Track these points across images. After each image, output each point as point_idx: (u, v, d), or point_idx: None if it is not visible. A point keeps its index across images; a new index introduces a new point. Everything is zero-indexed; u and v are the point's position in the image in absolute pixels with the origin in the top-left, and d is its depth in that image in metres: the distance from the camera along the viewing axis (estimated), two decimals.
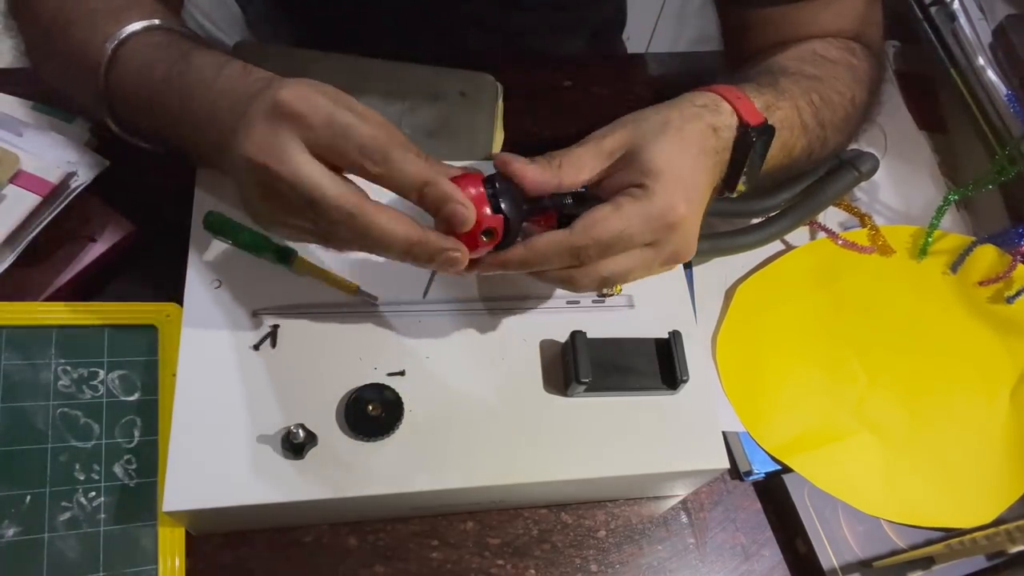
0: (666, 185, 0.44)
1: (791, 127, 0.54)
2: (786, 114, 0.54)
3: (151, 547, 0.50)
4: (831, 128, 0.58)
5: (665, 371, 0.54)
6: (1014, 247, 0.72)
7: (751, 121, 0.49)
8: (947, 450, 0.64)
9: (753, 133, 0.48)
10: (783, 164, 0.57)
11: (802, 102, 0.55)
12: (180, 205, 0.54)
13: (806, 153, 0.58)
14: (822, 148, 0.60)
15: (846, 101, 0.60)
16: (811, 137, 0.57)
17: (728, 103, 0.49)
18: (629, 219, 0.43)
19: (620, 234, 0.43)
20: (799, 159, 0.58)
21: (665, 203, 0.44)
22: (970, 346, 0.70)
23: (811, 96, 0.56)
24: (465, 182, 0.43)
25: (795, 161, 0.58)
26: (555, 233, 0.44)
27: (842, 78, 0.60)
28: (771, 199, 0.64)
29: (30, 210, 0.53)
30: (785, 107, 0.54)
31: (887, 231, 0.73)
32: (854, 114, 0.61)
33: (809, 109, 0.56)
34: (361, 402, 0.49)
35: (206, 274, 0.52)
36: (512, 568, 0.55)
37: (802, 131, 0.56)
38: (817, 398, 0.65)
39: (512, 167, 0.44)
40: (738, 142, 0.49)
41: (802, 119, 0.55)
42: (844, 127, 0.61)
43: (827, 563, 0.58)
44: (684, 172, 0.45)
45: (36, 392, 0.51)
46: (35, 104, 0.61)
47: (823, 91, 0.58)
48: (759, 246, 0.67)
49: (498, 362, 0.53)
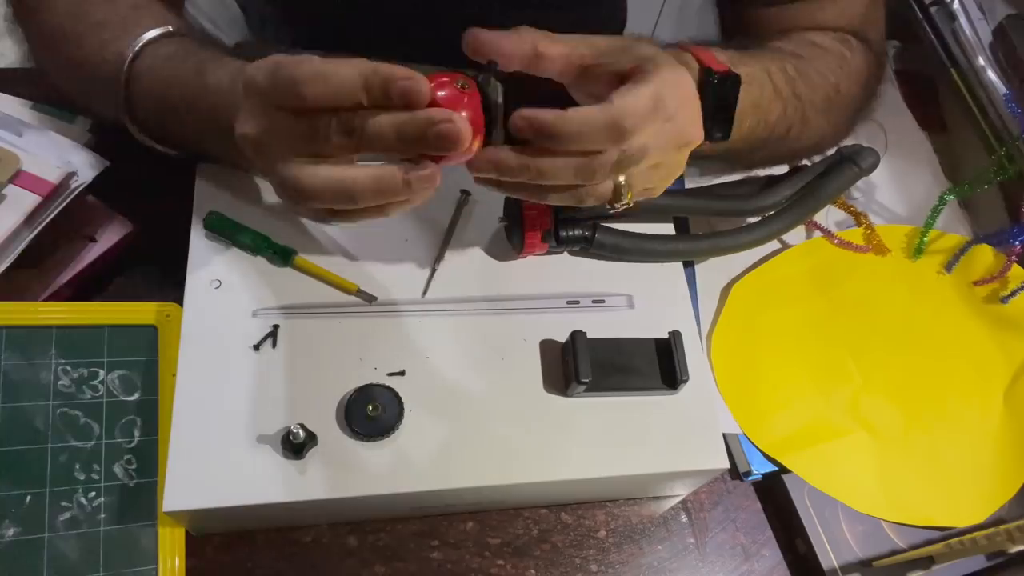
0: (669, 62, 0.43)
1: (760, 84, 0.54)
2: (752, 71, 0.54)
3: (151, 547, 0.50)
4: (810, 105, 0.58)
5: (665, 371, 0.54)
6: (1009, 247, 0.72)
7: (712, 66, 0.49)
8: (941, 449, 0.64)
9: (715, 76, 0.49)
10: (762, 132, 0.57)
11: (773, 67, 0.56)
12: (180, 205, 0.55)
13: (784, 125, 0.58)
14: (803, 125, 0.59)
15: (828, 85, 0.59)
16: (788, 107, 0.57)
17: (689, 51, 0.50)
18: (659, 86, 0.41)
19: (656, 101, 0.41)
20: (777, 129, 0.58)
21: (676, 75, 0.43)
22: (965, 346, 0.70)
23: (785, 66, 0.56)
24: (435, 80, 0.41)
25: (774, 130, 0.58)
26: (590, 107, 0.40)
27: (829, 64, 0.60)
28: (771, 196, 0.64)
29: (30, 210, 0.53)
30: (751, 65, 0.54)
31: (883, 230, 0.73)
32: (839, 101, 0.61)
33: (781, 75, 0.56)
34: (361, 402, 0.49)
35: (206, 274, 0.52)
36: (512, 568, 0.55)
37: (775, 95, 0.55)
38: (812, 397, 0.65)
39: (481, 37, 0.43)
40: (702, 85, 0.49)
41: (773, 82, 0.55)
42: (827, 109, 0.60)
43: (827, 563, 0.58)
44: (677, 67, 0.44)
45: (36, 392, 0.51)
46: (35, 104, 0.61)
47: (802, 67, 0.58)
48: (761, 243, 0.67)
49: (498, 362, 0.53)
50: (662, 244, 0.60)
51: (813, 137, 0.62)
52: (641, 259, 0.59)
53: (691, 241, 0.63)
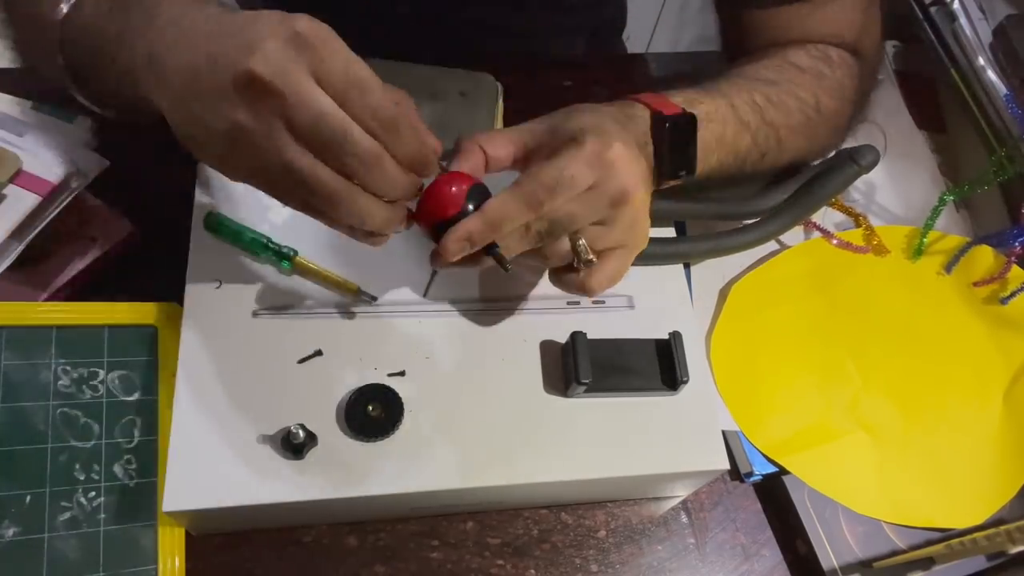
0: (597, 133, 0.45)
1: (722, 120, 0.56)
2: (711, 108, 0.55)
3: (151, 547, 0.50)
4: (784, 129, 0.59)
5: (665, 372, 0.54)
6: (1009, 248, 0.72)
7: (664, 111, 0.51)
8: (941, 451, 0.64)
9: (667, 121, 0.51)
10: (733, 162, 0.58)
11: (738, 100, 0.57)
12: (180, 205, 0.54)
13: (757, 152, 0.59)
14: (778, 149, 0.60)
15: (807, 107, 0.61)
16: (757, 136, 0.58)
17: (640, 102, 0.52)
18: (567, 161, 0.44)
19: (561, 174, 0.43)
20: (750, 157, 0.59)
21: (599, 143, 0.45)
22: (965, 347, 0.70)
23: (753, 97, 0.58)
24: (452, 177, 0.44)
25: (746, 158, 0.59)
26: (503, 193, 0.44)
27: (805, 84, 0.61)
28: (771, 198, 0.64)
29: (30, 210, 0.53)
30: (710, 102, 0.55)
31: (882, 231, 0.73)
32: (819, 121, 0.62)
33: (747, 107, 0.57)
34: (361, 402, 0.49)
35: (206, 275, 0.52)
36: (512, 568, 0.55)
37: (742, 127, 0.57)
38: (811, 398, 0.65)
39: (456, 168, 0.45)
40: (654, 131, 0.51)
41: (738, 115, 0.56)
42: (804, 131, 0.61)
43: (827, 563, 0.58)
44: (611, 128, 0.47)
45: (36, 392, 0.51)
46: (35, 104, 0.61)
47: (773, 93, 0.59)
48: (761, 243, 0.67)
49: (498, 363, 0.53)
50: (662, 246, 0.60)
51: (794, 156, 0.63)
52: (641, 261, 0.59)
53: (691, 243, 0.63)
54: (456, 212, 0.44)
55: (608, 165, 0.45)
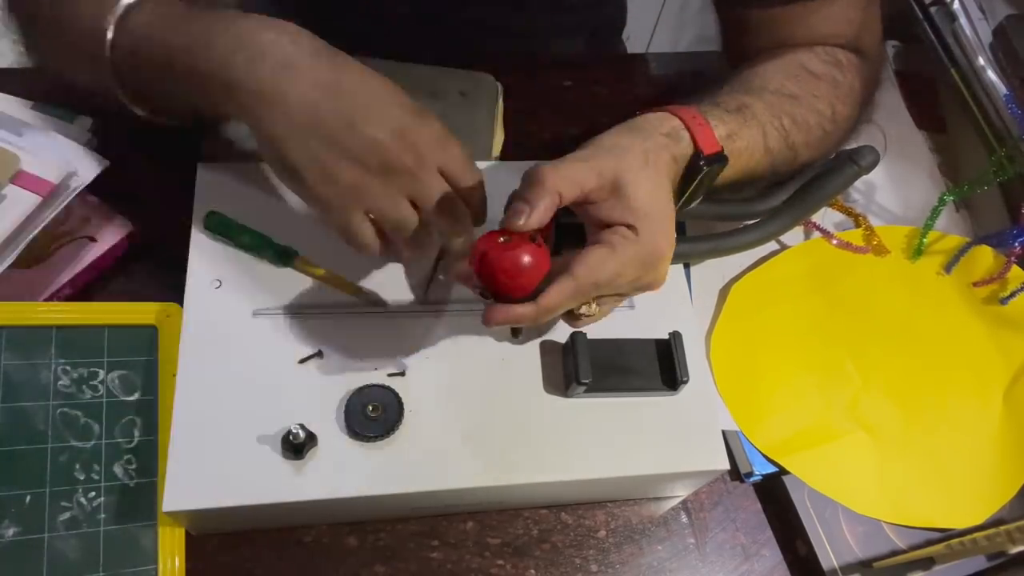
0: (651, 225, 0.46)
1: (751, 152, 0.55)
2: (748, 143, 0.55)
3: (151, 547, 0.50)
4: (802, 147, 0.60)
5: (665, 372, 0.54)
6: (1009, 248, 0.72)
7: (705, 150, 0.50)
8: (941, 451, 0.64)
9: (704, 161, 0.50)
10: (746, 179, 0.58)
11: (770, 127, 0.56)
12: (180, 205, 0.55)
13: (769, 170, 0.59)
14: (789, 166, 0.61)
15: (824, 120, 0.60)
16: (776, 159, 0.58)
17: (688, 131, 0.51)
18: (624, 262, 0.45)
19: (616, 275, 0.45)
20: (760, 175, 0.59)
21: (654, 245, 0.46)
22: (964, 347, 0.70)
23: (782, 120, 0.57)
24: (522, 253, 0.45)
25: (756, 177, 0.59)
26: (559, 284, 0.45)
27: (822, 95, 0.61)
28: (771, 198, 0.64)
29: (30, 210, 0.52)
30: (748, 135, 0.55)
31: (882, 231, 0.73)
32: (833, 131, 0.62)
33: (777, 134, 0.57)
34: (361, 403, 0.49)
35: (207, 274, 0.52)
36: (512, 568, 0.55)
37: (765, 154, 0.57)
38: (811, 398, 0.65)
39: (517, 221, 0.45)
40: (689, 167, 0.51)
41: (767, 144, 0.56)
42: (820, 145, 0.61)
43: (827, 564, 0.58)
44: (664, 210, 0.47)
45: (36, 392, 0.51)
46: (35, 104, 0.61)
47: (798, 113, 0.59)
48: (761, 244, 0.67)
49: (498, 363, 0.53)
50: None
51: (802, 166, 0.63)
52: None
53: (692, 243, 0.63)
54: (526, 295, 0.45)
55: (654, 266, 0.46)
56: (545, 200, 0.44)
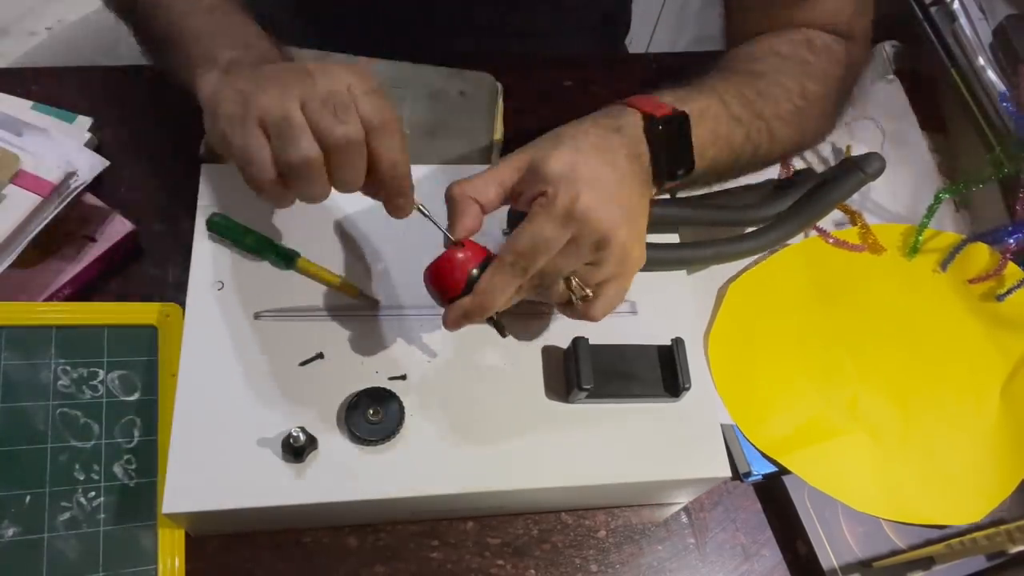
0: (565, 184, 0.46)
1: (715, 116, 0.56)
2: (704, 105, 0.55)
3: (151, 547, 0.50)
4: (775, 120, 0.60)
5: (667, 378, 0.53)
6: (1004, 245, 0.72)
7: (657, 113, 0.51)
8: (939, 447, 0.64)
9: (659, 123, 0.51)
10: (728, 157, 0.58)
11: (729, 96, 0.57)
12: (180, 205, 0.55)
13: (750, 146, 0.59)
14: (771, 141, 0.60)
15: (793, 95, 0.61)
16: (750, 129, 0.58)
17: (630, 106, 0.52)
18: (541, 223, 0.45)
19: (536, 239, 0.45)
20: (744, 151, 0.59)
21: (566, 199, 0.45)
22: (961, 344, 0.70)
23: (742, 90, 0.58)
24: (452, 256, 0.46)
25: (740, 153, 0.59)
26: (491, 266, 0.46)
27: (789, 72, 0.62)
28: (777, 206, 0.64)
29: (30, 210, 0.52)
30: (701, 99, 0.55)
31: (878, 229, 0.73)
32: (806, 107, 0.62)
33: (738, 100, 0.57)
34: (362, 406, 0.49)
35: (209, 276, 0.52)
36: (512, 568, 0.55)
37: (734, 122, 0.57)
38: (809, 396, 0.65)
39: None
40: (648, 134, 0.51)
41: (730, 111, 0.57)
42: (795, 120, 0.61)
43: (827, 563, 0.58)
44: (583, 169, 0.47)
45: (36, 392, 0.51)
46: (35, 104, 0.61)
47: (761, 85, 0.59)
48: (765, 250, 0.67)
49: (500, 367, 0.53)
50: (666, 252, 0.59)
51: (786, 147, 0.63)
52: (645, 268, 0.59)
53: (695, 249, 0.63)
54: (461, 291, 0.46)
55: (581, 218, 0.45)
56: (463, 211, 0.46)
